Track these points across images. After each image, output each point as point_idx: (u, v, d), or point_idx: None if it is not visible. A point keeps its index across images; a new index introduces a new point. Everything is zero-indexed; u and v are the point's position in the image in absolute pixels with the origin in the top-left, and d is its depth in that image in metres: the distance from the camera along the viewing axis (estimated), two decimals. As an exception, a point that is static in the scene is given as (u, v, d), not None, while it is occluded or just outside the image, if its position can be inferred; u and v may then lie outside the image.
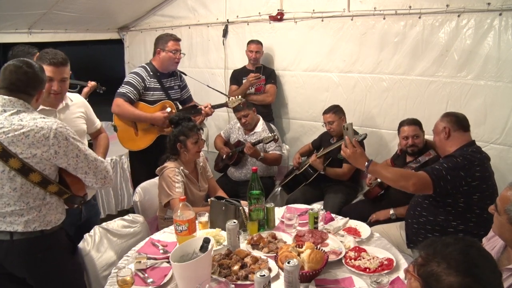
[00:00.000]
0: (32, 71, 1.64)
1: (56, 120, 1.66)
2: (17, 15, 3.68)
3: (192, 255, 1.57)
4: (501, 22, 2.73)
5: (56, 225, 1.71)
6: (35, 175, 1.59)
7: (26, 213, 1.62)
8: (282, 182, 3.35)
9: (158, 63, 2.97)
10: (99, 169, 1.76)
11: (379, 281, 1.51)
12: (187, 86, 3.26)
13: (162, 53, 2.92)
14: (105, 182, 1.80)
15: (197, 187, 2.53)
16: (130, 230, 2.17)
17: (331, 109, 3.14)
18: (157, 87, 2.95)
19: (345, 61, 3.52)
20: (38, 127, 1.58)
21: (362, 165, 1.96)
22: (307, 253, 1.62)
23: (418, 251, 1.04)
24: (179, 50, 2.97)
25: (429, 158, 2.61)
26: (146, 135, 2.93)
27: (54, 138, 1.59)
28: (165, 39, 2.94)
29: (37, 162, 1.59)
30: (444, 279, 0.96)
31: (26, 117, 1.59)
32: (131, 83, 2.85)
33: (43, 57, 1.95)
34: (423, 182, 1.93)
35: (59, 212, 1.74)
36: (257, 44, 3.79)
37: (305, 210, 2.26)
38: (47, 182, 1.64)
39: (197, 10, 4.43)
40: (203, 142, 2.54)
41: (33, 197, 1.63)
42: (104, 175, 1.79)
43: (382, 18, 3.24)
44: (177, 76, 3.14)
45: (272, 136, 3.18)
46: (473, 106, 2.93)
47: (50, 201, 1.68)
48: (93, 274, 1.89)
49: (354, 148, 1.95)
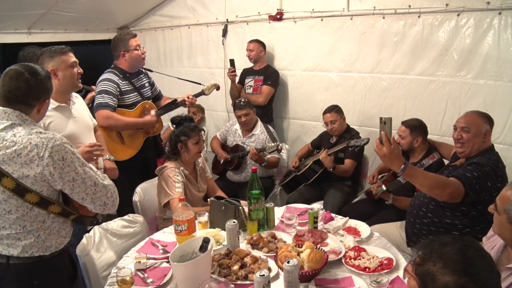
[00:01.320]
0: (34, 79, 1.48)
1: (54, 135, 1.48)
2: (16, 15, 3.68)
3: (192, 255, 1.57)
4: (500, 21, 2.72)
5: (57, 249, 1.58)
6: (32, 195, 1.44)
7: (23, 237, 1.48)
8: (282, 182, 3.35)
9: (125, 64, 2.83)
10: (98, 195, 1.55)
11: (378, 280, 1.51)
12: (155, 83, 3.17)
13: (127, 54, 2.79)
14: (104, 209, 1.60)
15: (196, 188, 2.53)
16: (129, 230, 2.17)
17: (332, 109, 3.14)
18: (130, 89, 2.84)
19: (344, 60, 3.52)
20: (32, 145, 1.42)
21: (397, 167, 1.77)
22: (307, 252, 1.62)
23: (416, 251, 1.04)
24: (140, 44, 2.86)
25: (433, 161, 2.59)
26: (134, 140, 2.86)
27: (49, 158, 1.42)
28: (125, 39, 2.80)
29: (32, 183, 1.44)
30: (439, 279, 0.96)
31: (20, 132, 1.43)
32: (108, 91, 2.69)
33: (59, 49, 2.10)
34: (457, 192, 1.86)
35: (62, 236, 1.59)
36: (254, 43, 3.79)
37: (304, 210, 2.26)
38: (47, 203, 1.49)
39: (196, 10, 4.43)
40: (203, 142, 2.54)
41: (31, 220, 1.48)
42: (104, 202, 1.58)
43: (382, 18, 3.24)
44: (144, 73, 3.05)
45: (275, 145, 3.13)
46: (473, 105, 2.92)
47: (51, 224, 1.54)
48: (93, 274, 1.89)
49: (391, 147, 1.74)
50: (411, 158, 2.74)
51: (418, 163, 2.64)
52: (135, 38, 2.84)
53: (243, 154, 3.28)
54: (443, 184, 1.86)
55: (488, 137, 2.06)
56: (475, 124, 2.05)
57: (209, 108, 4.43)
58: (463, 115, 2.16)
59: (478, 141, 2.04)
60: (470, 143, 2.05)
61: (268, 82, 3.76)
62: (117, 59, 2.85)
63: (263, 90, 3.75)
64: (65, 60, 2.12)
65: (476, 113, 2.11)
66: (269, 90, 3.74)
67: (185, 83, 3.70)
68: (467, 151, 2.07)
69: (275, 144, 3.15)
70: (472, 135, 2.04)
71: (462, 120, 2.11)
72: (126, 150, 2.83)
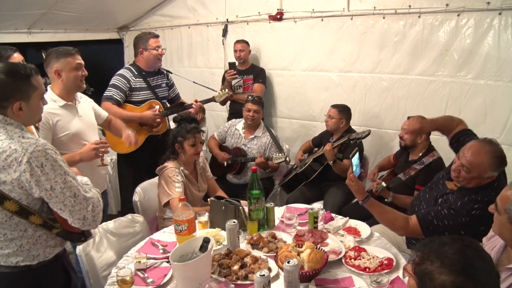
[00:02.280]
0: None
1: (37, 140, 1.41)
2: (16, 15, 3.68)
3: (192, 255, 1.57)
4: (500, 22, 2.72)
5: (46, 259, 1.49)
6: (11, 203, 1.37)
7: (5, 246, 1.42)
8: (282, 182, 3.34)
9: (142, 63, 2.97)
10: (77, 208, 1.43)
11: (379, 280, 1.51)
12: (174, 85, 3.25)
13: (145, 53, 2.92)
14: (83, 224, 1.46)
15: (196, 187, 2.53)
16: (130, 230, 2.18)
17: (338, 107, 3.14)
18: (143, 86, 2.95)
19: (344, 60, 3.52)
20: (12, 149, 1.35)
21: (359, 198, 1.98)
22: (307, 252, 1.62)
23: (416, 250, 1.04)
24: (160, 46, 2.97)
25: (433, 159, 2.60)
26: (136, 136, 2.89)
27: (27, 164, 1.34)
28: (145, 38, 2.93)
29: (9, 190, 1.37)
30: (436, 278, 0.95)
31: (1, 136, 1.37)
32: (116, 85, 2.85)
33: (66, 51, 2.12)
34: (414, 234, 1.91)
35: (50, 246, 1.50)
36: (241, 43, 3.82)
37: (305, 210, 2.26)
38: (27, 213, 1.41)
39: (196, 10, 4.43)
40: (202, 143, 2.52)
41: (11, 229, 1.41)
42: (83, 216, 1.44)
43: (382, 18, 3.24)
44: (164, 74, 3.13)
45: (283, 156, 3.11)
46: (473, 105, 2.93)
47: (34, 233, 1.45)
48: (93, 274, 1.89)
49: (351, 182, 1.97)
50: (411, 156, 2.75)
51: (418, 161, 2.65)
52: (155, 39, 2.95)
53: (246, 160, 3.25)
54: (397, 227, 1.92)
55: (489, 180, 1.79)
56: (479, 169, 1.76)
57: (209, 108, 4.41)
58: (474, 151, 1.78)
59: (476, 182, 1.80)
60: (466, 181, 1.82)
61: (259, 80, 3.80)
62: (136, 56, 3.00)
63: (255, 88, 3.77)
64: (70, 62, 2.14)
65: (488, 156, 1.75)
66: (262, 88, 3.78)
67: (192, 85, 3.70)
68: (461, 183, 1.86)
69: (283, 155, 3.12)
70: (470, 177, 1.79)
71: (469, 159, 1.77)
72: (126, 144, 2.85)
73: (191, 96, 3.37)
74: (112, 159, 3.71)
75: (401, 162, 2.84)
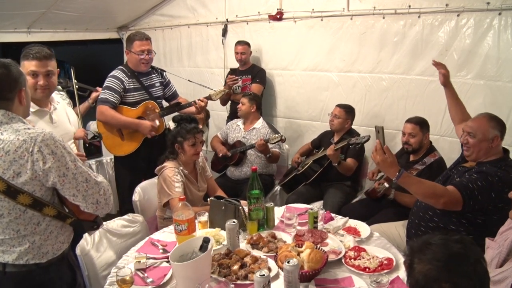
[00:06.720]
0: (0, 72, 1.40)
1: (43, 130, 1.41)
2: (16, 15, 3.68)
3: (192, 254, 1.57)
4: (500, 22, 2.73)
5: (55, 256, 1.50)
6: (24, 197, 1.37)
7: (18, 243, 1.42)
8: (282, 182, 3.35)
9: (130, 64, 2.86)
10: (90, 192, 1.46)
11: (378, 280, 1.50)
12: (171, 83, 3.14)
13: (130, 54, 2.81)
14: (97, 208, 1.49)
15: (196, 187, 2.53)
16: (129, 230, 2.17)
17: (345, 107, 3.14)
18: (137, 87, 2.86)
19: (344, 60, 3.52)
20: (20, 141, 1.35)
21: (392, 174, 1.85)
22: (307, 252, 1.62)
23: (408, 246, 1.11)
24: (146, 49, 2.77)
25: (434, 160, 2.59)
26: (133, 138, 2.86)
27: (38, 153, 1.35)
28: (132, 39, 2.79)
29: (23, 183, 1.37)
30: (415, 267, 1.01)
31: (7, 130, 1.38)
32: (110, 87, 2.75)
33: (27, 53, 1.92)
34: (454, 202, 1.84)
35: (59, 241, 1.51)
36: (242, 45, 3.82)
37: (304, 210, 2.26)
38: (41, 205, 1.41)
39: (196, 10, 4.43)
40: (202, 143, 2.52)
41: (25, 223, 1.41)
42: (96, 200, 1.48)
43: (382, 18, 3.24)
44: (158, 73, 3.03)
45: (279, 136, 3.15)
46: (473, 105, 2.92)
47: (47, 228, 1.46)
48: (92, 273, 1.89)
49: (384, 156, 1.83)
50: (412, 156, 2.74)
51: (419, 161, 2.64)
52: (141, 41, 2.76)
53: (244, 149, 3.30)
54: (438, 193, 1.86)
55: (496, 142, 1.95)
56: (481, 130, 1.95)
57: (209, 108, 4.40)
58: (472, 119, 2.07)
59: (484, 146, 1.95)
60: (476, 148, 1.97)
61: (256, 80, 3.81)
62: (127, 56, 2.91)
63: (253, 88, 3.78)
64: (25, 66, 1.94)
65: (486, 117, 1.99)
66: (259, 88, 3.79)
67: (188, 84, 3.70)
68: (473, 155, 2.01)
69: (279, 135, 3.17)
70: (477, 141, 1.95)
71: (470, 124, 2.01)
72: (124, 146, 2.87)
73: (187, 95, 3.34)
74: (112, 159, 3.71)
75: (402, 162, 2.83)
